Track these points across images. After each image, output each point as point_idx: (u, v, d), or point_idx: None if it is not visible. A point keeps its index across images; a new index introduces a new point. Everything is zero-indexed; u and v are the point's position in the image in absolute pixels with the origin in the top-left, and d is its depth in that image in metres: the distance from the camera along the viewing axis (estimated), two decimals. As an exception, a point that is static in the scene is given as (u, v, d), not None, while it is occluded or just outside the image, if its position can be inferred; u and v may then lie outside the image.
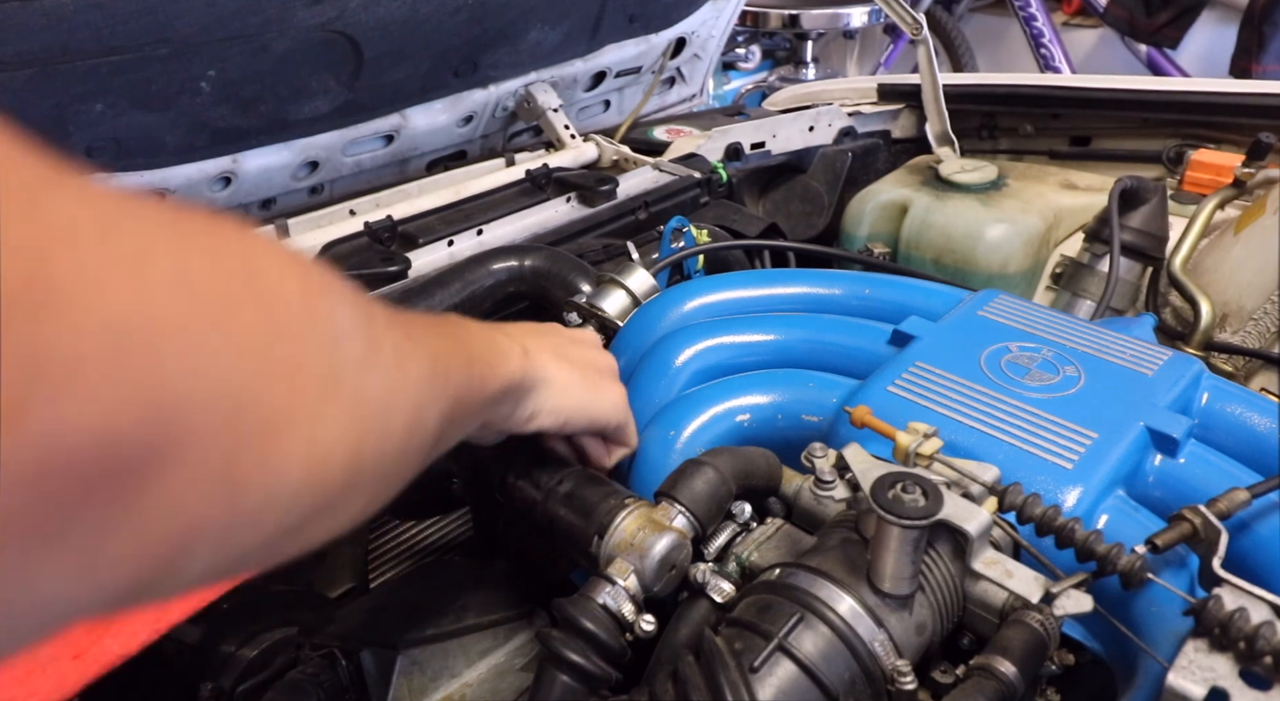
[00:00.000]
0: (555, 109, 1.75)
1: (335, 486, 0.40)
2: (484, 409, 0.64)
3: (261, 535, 0.36)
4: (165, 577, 0.32)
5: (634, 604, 0.69)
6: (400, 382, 0.47)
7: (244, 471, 0.33)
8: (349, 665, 0.76)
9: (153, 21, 1.09)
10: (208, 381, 0.30)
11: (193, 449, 0.30)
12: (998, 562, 0.66)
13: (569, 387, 0.73)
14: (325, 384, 0.38)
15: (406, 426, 0.48)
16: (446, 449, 0.59)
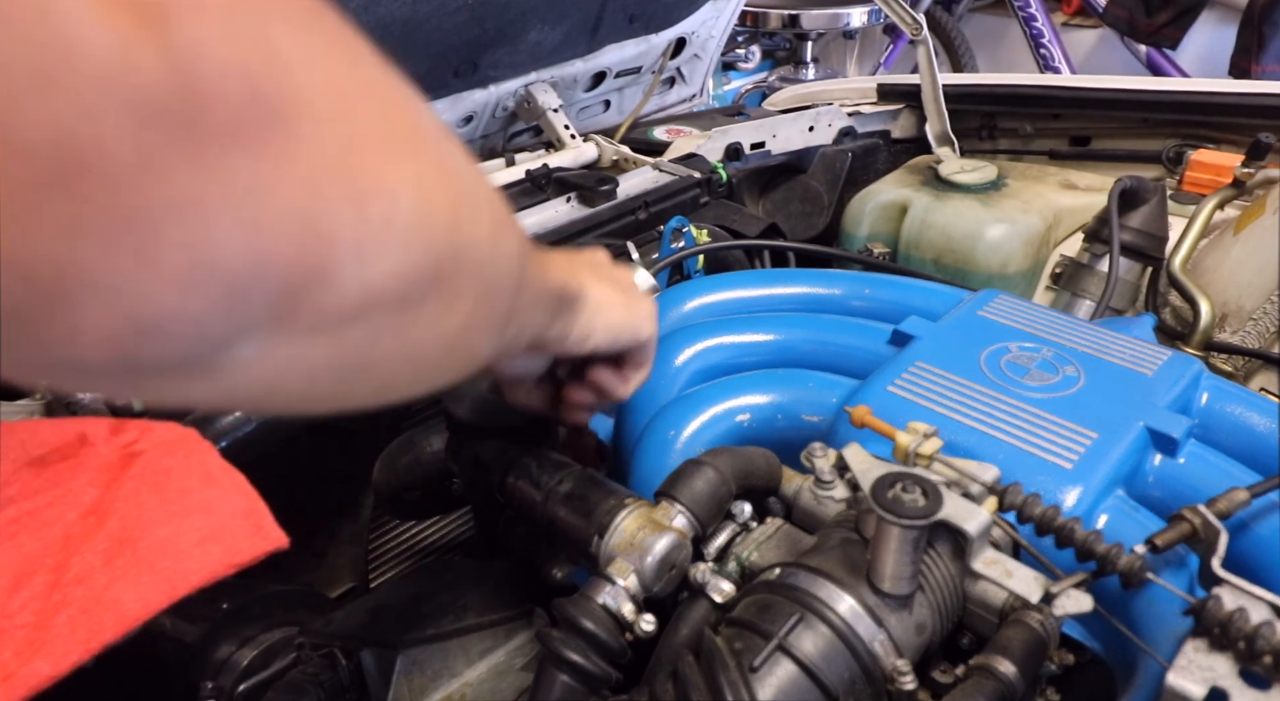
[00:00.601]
0: (555, 109, 1.75)
1: (442, 245, 0.40)
2: (543, 305, 0.62)
3: (391, 275, 0.37)
4: (318, 282, 0.34)
5: (634, 604, 0.69)
6: (482, 180, 0.48)
7: (362, 170, 0.34)
8: (349, 665, 0.76)
9: (153, 21, 1.09)
10: (319, 72, 0.33)
11: (311, 125, 0.32)
12: (998, 562, 0.66)
13: (613, 304, 0.71)
14: (425, 134, 0.40)
15: (492, 230, 0.46)
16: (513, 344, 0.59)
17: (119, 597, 0.62)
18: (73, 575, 0.63)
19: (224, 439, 0.97)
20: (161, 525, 0.68)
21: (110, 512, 0.68)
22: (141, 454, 0.74)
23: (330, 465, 1.24)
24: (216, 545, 0.69)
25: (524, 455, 0.82)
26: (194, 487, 0.73)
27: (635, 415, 0.97)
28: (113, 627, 0.61)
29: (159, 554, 0.66)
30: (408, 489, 1.08)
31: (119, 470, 0.72)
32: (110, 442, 0.75)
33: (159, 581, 0.64)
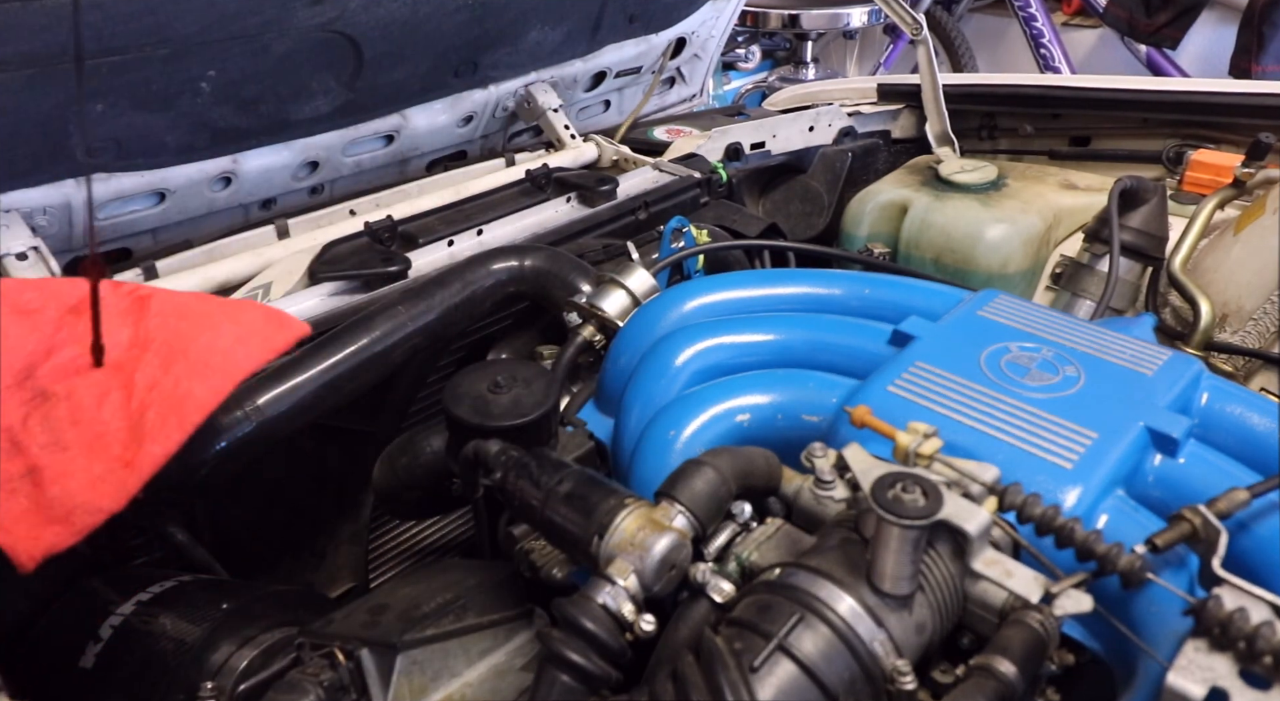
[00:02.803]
0: (555, 109, 1.75)
1: None
2: None
3: None
4: None
5: (634, 604, 0.69)
6: None
7: None
8: (349, 665, 0.76)
9: (153, 21, 1.09)
10: None
11: None
12: (998, 562, 0.66)
13: None
14: None
15: None
16: None
17: (190, 390, 0.77)
18: (142, 386, 0.78)
19: (224, 439, 0.97)
20: (200, 336, 0.82)
21: (149, 340, 0.82)
22: (151, 296, 0.86)
23: (330, 465, 1.24)
24: (253, 341, 0.84)
25: (524, 455, 0.82)
26: (213, 309, 0.87)
27: (635, 415, 0.97)
28: (195, 412, 0.77)
29: (208, 355, 0.80)
30: (408, 489, 1.08)
31: (139, 311, 0.85)
32: (117, 294, 0.87)
33: (216, 374, 0.79)
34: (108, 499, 0.72)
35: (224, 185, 1.42)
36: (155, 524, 1.05)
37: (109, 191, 1.28)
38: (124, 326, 0.83)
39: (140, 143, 1.26)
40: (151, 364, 0.79)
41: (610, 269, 1.18)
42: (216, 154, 1.36)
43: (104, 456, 0.74)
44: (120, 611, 0.88)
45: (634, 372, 1.00)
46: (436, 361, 1.26)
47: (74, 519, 0.71)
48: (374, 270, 1.25)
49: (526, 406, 0.90)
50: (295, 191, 1.54)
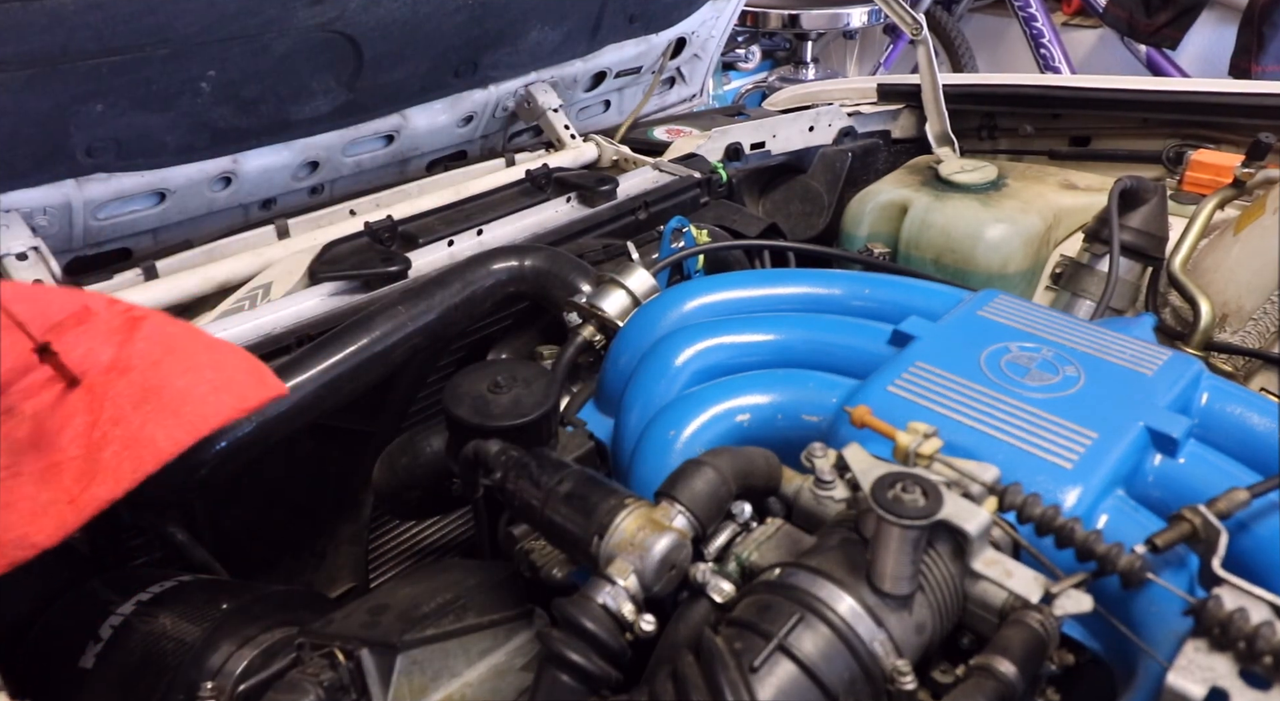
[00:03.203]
0: (555, 109, 1.75)
1: None
2: None
3: None
4: None
5: (634, 604, 0.69)
6: None
7: None
8: (349, 665, 0.76)
9: (153, 21, 1.09)
10: None
11: None
12: (998, 562, 0.66)
13: None
14: None
15: None
16: None
17: (152, 435, 0.74)
18: (108, 417, 0.75)
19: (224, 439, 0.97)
20: (178, 377, 0.79)
21: (129, 368, 0.79)
22: (144, 319, 0.84)
23: (330, 465, 1.24)
24: (228, 393, 0.80)
25: (524, 455, 0.82)
26: (200, 348, 0.84)
27: (635, 415, 0.97)
28: (151, 460, 0.73)
29: (180, 401, 0.77)
30: (408, 489, 1.08)
31: (128, 332, 0.83)
32: (111, 310, 0.85)
33: (183, 423, 0.76)
34: (44, 535, 0.70)
35: (224, 185, 1.42)
36: (155, 524, 1.06)
37: (109, 191, 1.28)
38: (108, 345, 0.82)
39: (140, 143, 1.26)
40: (123, 395, 0.78)
41: (610, 269, 1.18)
42: (216, 154, 1.36)
43: (53, 487, 0.72)
44: (120, 611, 0.88)
45: (634, 373, 1.00)
46: (436, 361, 1.26)
47: (3, 550, 0.69)
48: (374, 270, 1.25)
49: (526, 406, 0.90)
50: (295, 191, 1.54)
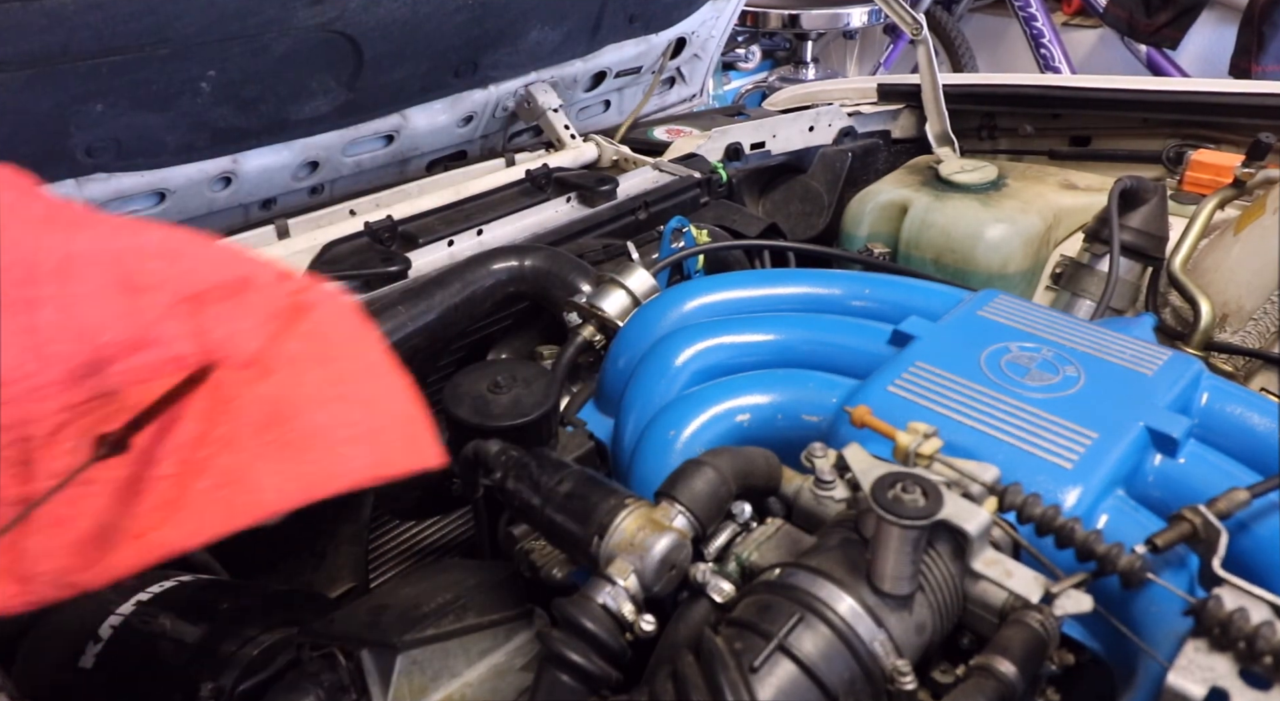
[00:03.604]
0: (555, 109, 1.75)
1: None
2: None
3: None
4: None
5: (634, 604, 0.69)
6: None
7: None
8: (349, 665, 0.76)
9: (153, 21, 1.09)
10: None
11: None
12: (998, 562, 0.66)
13: None
14: None
15: None
16: None
17: (259, 480, 0.57)
18: (220, 434, 0.58)
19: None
20: (318, 408, 0.61)
21: (270, 371, 0.61)
22: (311, 309, 0.65)
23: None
24: (368, 448, 0.62)
25: (524, 455, 0.82)
26: (357, 374, 0.65)
27: (635, 415, 0.97)
28: (247, 513, 0.56)
29: (308, 442, 0.60)
30: (408, 489, 1.08)
31: (287, 322, 0.64)
32: (279, 287, 0.66)
33: (301, 474, 0.58)
34: (90, 574, 0.54)
35: (224, 185, 1.42)
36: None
37: (109, 191, 1.28)
38: (258, 333, 0.63)
39: (140, 143, 1.26)
40: (249, 409, 0.59)
41: (610, 269, 1.18)
42: (216, 154, 1.36)
43: (126, 509, 0.55)
44: (120, 611, 0.88)
45: (634, 373, 1.00)
46: (436, 361, 1.26)
47: (35, 583, 0.54)
48: (374, 270, 1.25)
49: (526, 406, 0.90)
50: (295, 191, 1.54)
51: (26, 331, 0.53)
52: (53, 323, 0.54)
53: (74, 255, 0.56)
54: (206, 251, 0.64)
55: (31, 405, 0.53)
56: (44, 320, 0.53)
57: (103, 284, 0.57)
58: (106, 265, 0.58)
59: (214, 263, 0.64)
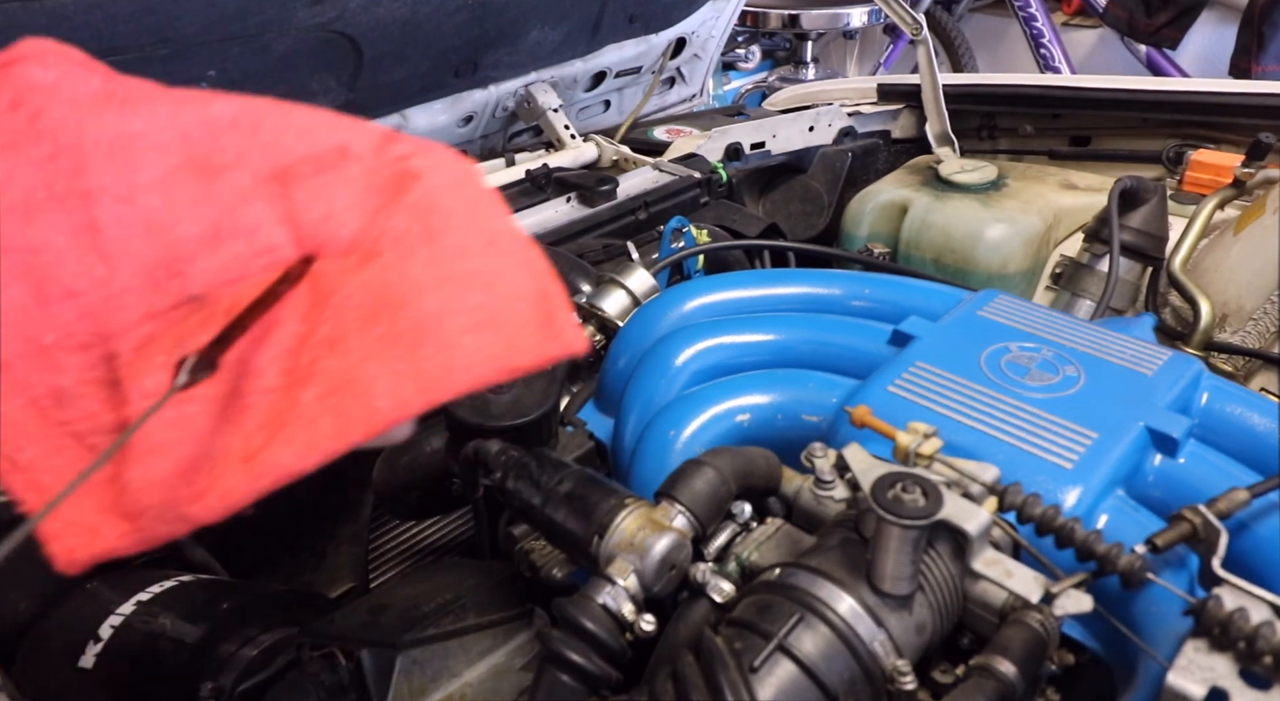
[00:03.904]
0: (555, 109, 1.75)
1: None
2: None
3: None
4: None
5: (634, 604, 0.69)
6: None
7: None
8: (349, 665, 0.76)
9: (153, 21, 1.09)
10: None
11: None
12: (998, 562, 0.66)
13: None
14: None
15: None
16: None
17: (370, 385, 0.48)
18: (324, 334, 0.49)
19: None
20: (431, 291, 0.50)
21: (374, 253, 0.51)
22: (419, 177, 0.54)
23: (330, 465, 1.23)
24: (493, 336, 0.51)
25: (524, 455, 0.82)
26: (475, 248, 0.53)
27: (635, 415, 0.97)
28: (362, 424, 0.48)
29: (423, 335, 0.49)
30: (408, 489, 1.08)
31: (391, 194, 0.54)
32: (380, 155, 0.55)
33: (418, 373, 0.48)
34: (202, 504, 0.46)
35: (224, 185, 1.42)
36: (155, 524, 1.05)
37: (109, 191, 1.27)
38: (360, 209, 0.52)
39: (140, 143, 1.26)
40: (353, 300, 0.49)
41: (610, 269, 1.18)
42: (216, 154, 1.36)
43: (229, 429, 0.47)
44: (120, 611, 0.88)
45: (634, 372, 1.00)
46: (436, 361, 1.26)
47: (144, 519, 0.46)
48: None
49: (526, 406, 0.90)
50: (295, 191, 1.54)
51: (86, 229, 0.45)
52: (115, 216, 0.45)
53: (132, 135, 0.47)
54: (290, 118, 0.54)
55: (110, 316, 0.46)
56: (104, 214, 0.45)
57: (170, 167, 0.48)
58: (172, 145, 0.48)
59: (300, 131, 0.53)
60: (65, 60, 0.50)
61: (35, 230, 0.44)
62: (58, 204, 0.45)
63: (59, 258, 0.45)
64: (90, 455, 0.46)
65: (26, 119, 0.46)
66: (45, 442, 0.46)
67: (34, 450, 0.45)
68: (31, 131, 0.46)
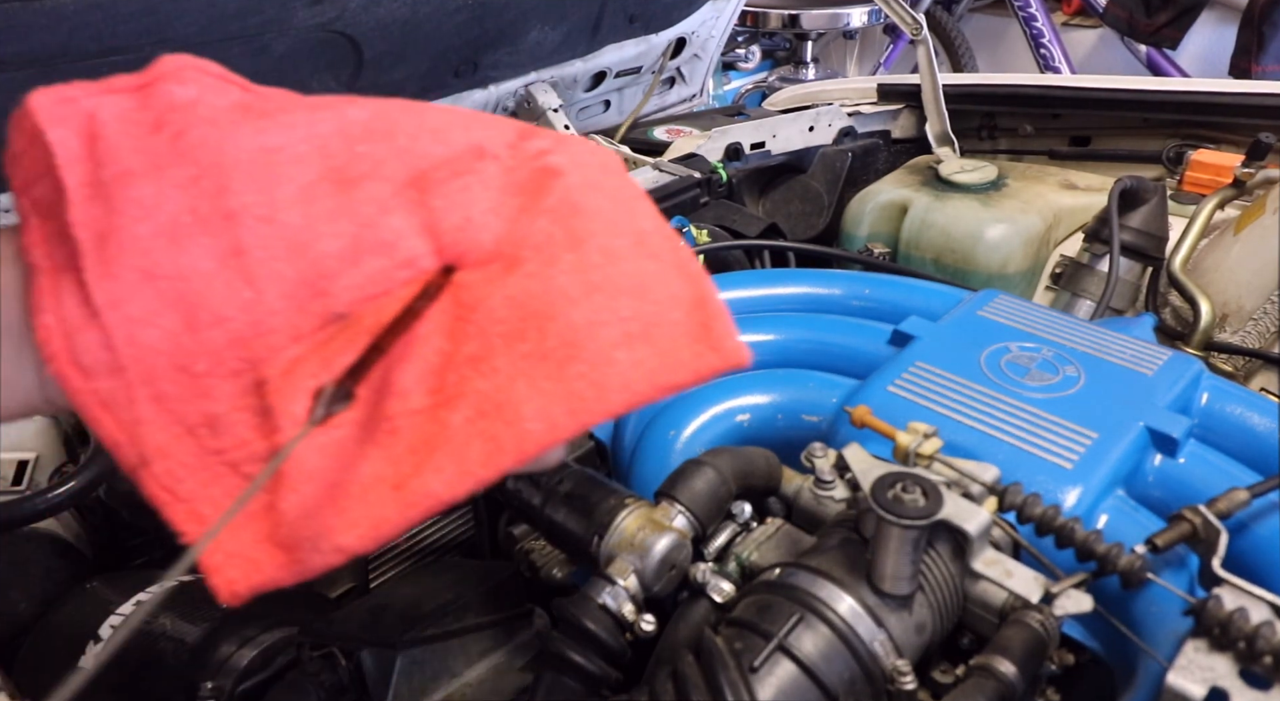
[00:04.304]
0: (555, 109, 1.75)
1: None
2: None
3: None
4: None
5: (634, 604, 0.69)
6: None
7: None
8: (349, 665, 0.76)
9: (153, 21, 1.09)
10: None
11: None
12: (998, 562, 0.66)
13: None
14: None
15: None
16: None
17: (520, 407, 0.45)
18: (470, 351, 0.46)
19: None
20: (579, 302, 0.47)
21: (516, 261, 0.48)
22: (559, 175, 0.51)
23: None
24: (648, 349, 0.47)
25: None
26: (623, 252, 0.49)
27: (635, 415, 0.97)
28: (513, 451, 0.45)
29: (572, 350, 0.46)
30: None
31: (531, 195, 0.50)
32: (517, 153, 0.51)
33: (569, 394, 0.45)
34: (353, 533, 0.44)
35: (224, 185, 1.42)
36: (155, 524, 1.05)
37: (109, 191, 1.27)
38: (499, 214, 0.49)
39: (140, 143, 1.26)
40: (496, 313, 0.46)
41: (610, 269, 1.17)
42: (216, 154, 1.36)
43: (381, 454, 0.45)
44: (120, 611, 0.88)
45: (634, 372, 1.00)
46: (436, 361, 1.26)
47: (301, 550, 0.44)
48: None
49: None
50: (295, 191, 1.54)
51: (231, 252, 0.43)
52: (258, 237, 0.44)
53: (270, 150, 0.45)
54: (424, 120, 0.51)
55: (257, 340, 0.44)
56: (248, 235, 0.44)
57: (308, 181, 0.46)
58: (310, 156, 0.46)
59: (436, 133, 0.50)
60: (203, 75, 0.48)
61: (183, 256, 0.43)
62: (203, 227, 0.44)
63: (207, 283, 0.43)
64: (245, 484, 0.45)
65: (169, 140, 0.45)
66: (202, 473, 0.45)
67: (192, 481, 0.45)
68: (174, 153, 0.45)
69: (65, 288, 0.43)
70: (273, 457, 0.44)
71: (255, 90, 0.50)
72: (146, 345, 0.42)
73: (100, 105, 0.45)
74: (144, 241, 0.42)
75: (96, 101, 0.45)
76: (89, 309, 0.42)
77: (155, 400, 0.43)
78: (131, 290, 0.42)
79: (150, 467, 0.44)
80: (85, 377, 0.42)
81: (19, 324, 0.43)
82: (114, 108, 0.45)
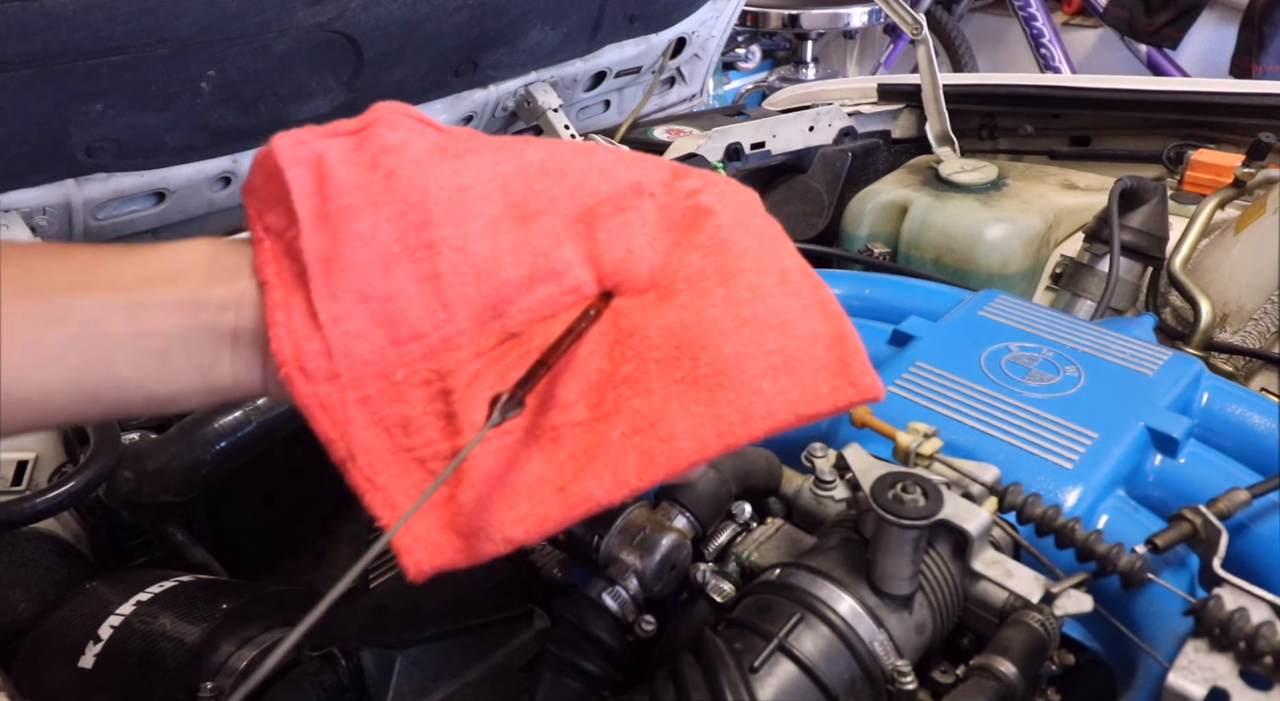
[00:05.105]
0: (555, 109, 1.75)
1: None
2: None
3: None
4: None
5: (634, 604, 0.69)
6: None
7: None
8: (349, 665, 0.76)
9: (153, 21, 1.09)
10: None
11: None
12: (998, 562, 0.66)
13: None
14: None
15: None
16: None
17: (673, 427, 0.50)
18: (627, 373, 0.52)
19: (224, 439, 0.97)
20: (729, 335, 0.52)
21: (670, 291, 0.54)
22: (710, 214, 0.56)
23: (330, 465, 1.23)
24: (790, 381, 0.52)
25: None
26: (769, 288, 0.54)
27: (635, 415, 0.97)
28: (665, 464, 0.50)
29: (722, 379, 0.51)
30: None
31: (684, 230, 0.55)
32: (671, 191, 0.57)
33: (717, 418, 0.51)
34: (521, 526, 0.49)
35: (224, 185, 1.42)
36: (155, 524, 1.06)
37: (109, 191, 1.28)
38: (655, 248, 0.55)
39: (140, 142, 1.26)
40: (653, 340, 0.52)
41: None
42: (216, 154, 1.36)
43: (546, 458, 0.51)
44: (120, 611, 0.88)
45: (634, 372, 1.00)
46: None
47: (476, 539, 0.49)
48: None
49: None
50: (295, 191, 1.54)
51: (430, 278, 0.51)
52: (452, 265, 0.51)
53: (463, 188, 0.52)
54: (592, 160, 0.57)
55: (446, 355, 0.51)
56: (444, 263, 0.51)
57: (494, 216, 0.52)
58: (495, 194, 0.53)
59: (601, 172, 0.56)
60: (408, 118, 0.55)
61: (391, 280, 0.50)
62: (408, 255, 0.50)
63: (409, 304, 0.50)
64: (431, 478, 0.51)
65: (383, 179, 0.51)
66: (396, 466, 0.51)
67: (387, 473, 0.51)
68: (387, 190, 0.51)
69: (295, 304, 0.49)
70: (455, 456, 0.50)
71: (447, 131, 0.57)
72: (358, 356, 0.50)
73: (327, 147, 0.52)
74: (361, 267, 0.50)
75: (325, 144, 0.52)
76: (314, 322, 0.49)
77: (361, 403, 0.50)
78: (350, 309, 0.49)
79: (356, 461, 0.50)
80: (309, 381, 0.49)
81: (254, 329, 0.50)
82: (338, 150, 0.52)
